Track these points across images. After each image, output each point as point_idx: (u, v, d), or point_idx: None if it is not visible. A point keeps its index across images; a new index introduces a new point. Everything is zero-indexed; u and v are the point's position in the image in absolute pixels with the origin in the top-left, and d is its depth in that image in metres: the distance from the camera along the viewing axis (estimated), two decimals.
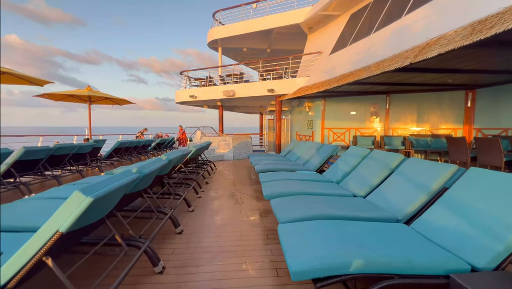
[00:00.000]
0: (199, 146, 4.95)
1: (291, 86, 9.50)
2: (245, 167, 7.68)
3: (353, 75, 6.09)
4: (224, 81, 11.46)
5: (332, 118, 9.24)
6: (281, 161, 5.83)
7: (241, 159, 9.64)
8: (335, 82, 6.71)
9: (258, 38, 12.27)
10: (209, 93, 11.20)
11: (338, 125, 9.20)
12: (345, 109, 9.09)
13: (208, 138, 9.76)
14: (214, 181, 5.51)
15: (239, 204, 3.76)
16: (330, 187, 3.21)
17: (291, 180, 3.40)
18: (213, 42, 12.73)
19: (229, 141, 9.53)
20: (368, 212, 2.22)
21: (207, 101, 11.94)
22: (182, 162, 4.05)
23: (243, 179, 5.74)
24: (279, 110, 10.10)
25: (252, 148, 10.40)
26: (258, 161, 5.68)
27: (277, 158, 6.44)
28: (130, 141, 7.98)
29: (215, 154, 9.34)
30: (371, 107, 8.76)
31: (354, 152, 3.83)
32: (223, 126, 12.87)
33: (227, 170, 7.04)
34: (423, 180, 2.22)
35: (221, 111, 13.16)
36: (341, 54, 7.93)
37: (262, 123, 18.31)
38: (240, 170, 7.08)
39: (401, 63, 4.33)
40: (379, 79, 6.38)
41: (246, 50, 13.48)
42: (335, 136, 9.23)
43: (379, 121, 8.72)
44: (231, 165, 8.12)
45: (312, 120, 9.89)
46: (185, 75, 12.02)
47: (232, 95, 10.41)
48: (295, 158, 6.21)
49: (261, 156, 7.05)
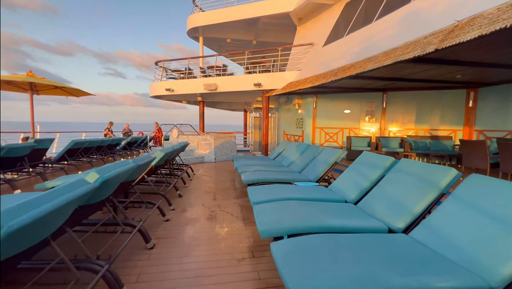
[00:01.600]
0: (168, 150, 3.86)
1: (280, 80, 8.60)
2: (229, 170, 6.67)
3: (354, 67, 5.28)
4: (206, 73, 10.31)
5: (324, 117, 8.48)
6: (272, 167, 4.90)
7: (224, 160, 8.60)
8: (332, 75, 5.88)
9: (243, 28, 11.23)
10: (188, 87, 9.99)
11: (331, 125, 8.46)
12: (338, 108, 8.36)
13: (186, 138, 8.61)
14: (191, 192, 4.45)
15: (221, 232, 2.76)
16: (348, 211, 2.31)
17: (294, 202, 2.47)
18: (194, 30, 11.49)
19: (211, 141, 8.44)
20: (438, 275, 1.33)
21: (186, 95, 10.72)
22: (141, 173, 2.97)
23: (226, 188, 4.73)
24: (266, 107, 9.17)
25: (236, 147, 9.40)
26: (244, 167, 4.70)
27: (266, 162, 5.50)
28: (89, 140, 6.64)
29: (194, 155, 8.22)
30: (366, 105, 8.10)
31: (370, 161, 2.98)
32: (204, 124, 11.72)
33: (208, 175, 5.99)
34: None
35: (202, 108, 11.97)
36: (336, 45, 7.14)
37: (246, 121, 17.32)
38: (223, 175, 6.06)
39: (421, 50, 3.55)
40: (381, 73, 5.65)
41: (230, 41, 12.37)
42: (327, 137, 8.48)
43: (375, 121, 8.09)
44: (213, 168, 7.06)
45: (302, 119, 9.08)
46: (160, 66, 10.69)
47: (214, 89, 9.30)
48: (287, 162, 5.31)
49: (247, 158, 6.08)
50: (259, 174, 3.95)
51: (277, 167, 4.94)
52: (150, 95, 10.94)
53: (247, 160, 5.73)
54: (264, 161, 5.76)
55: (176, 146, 4.54)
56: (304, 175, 4.07)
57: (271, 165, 5.23)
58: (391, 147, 7.23)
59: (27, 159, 4.80)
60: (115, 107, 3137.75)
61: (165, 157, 3.65)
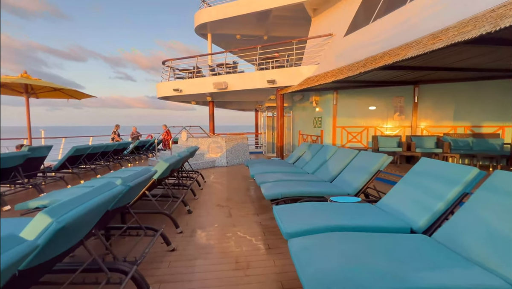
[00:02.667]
0: (174, 159, 3.23)
1: (295, 76, 7.87)
2: (243, 176, 6.01)
3: (389, 55, 4.50)
4: (215, 72, 9.71)
5: (346, 115, 7.68)
6: (295, 175, 4.20)
7: (237, 164, 7.96)
8: (360, 67, 5.11)
9: (253, 22, 10.56)
10: (196, 86, 9.42)
11: (353, 123, 7.65)
12: (361, 104, 7.54)
13: (196, 141, 8.03)
14: (201, 206, 3.82)
15: (242, 272, 2.09)
16: (431, 252, 1.58)
17: (344, 235, 1.76)
18: (202, 27, 10.93)
19: (222, 143, 7.83)
20: None
21: (195, 96, 10.17)
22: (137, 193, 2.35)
23: (242, 201, 4.07)
24: (281, 106, 8.46)
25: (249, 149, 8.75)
26: (262, 175, 4.02)
27: (286, 169, 4.80)
28: (92, 146, 6.16)
29: (205, 160, 7.62)
30: (394, 100, 7.24)
31: (438, 172, 2.24)
32: (214, 125, 11.13)
33: (220, 183, 5.35)
34: None
35: (212, 108, 11.40)
36: (360, 34, 6.35)
37: (257, 121, 16.65)
38: (237, 182, 5.40)
39: (492, 26, 2.75)
40: (419, 62, 4.83)
41: (240, 37, 11.73)
42: (350, 137, 7.68)
43: (405, 118, 7.21)
44: (225, 174, 6.43)
45: (321, 118, 8.31)
46: (168, 65, 10.18)
47: (224, 88, 8.68)
48: (311, 168, 4.59)
49: (263, 164, 5.40)
50: (283, 186, 3.26)
51: (300, 175, 4.23)
52: (157, 97, 10.47)
53: (263, 166, 5.06)
54: (283, 166, 5.07)
55: (183, 153, 3.92)
56: (337, 186, 3.34)
57: (292, 172, 4.53)
58: (426, 146, 6.35)
59: (22, 169, 4.33)
60: (125, 110, 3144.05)
61: (170, 168, 3.03)
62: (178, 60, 10.00)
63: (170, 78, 10.16)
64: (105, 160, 7.52)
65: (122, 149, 8.25)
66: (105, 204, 1.49)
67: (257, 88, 8.49)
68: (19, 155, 4.08)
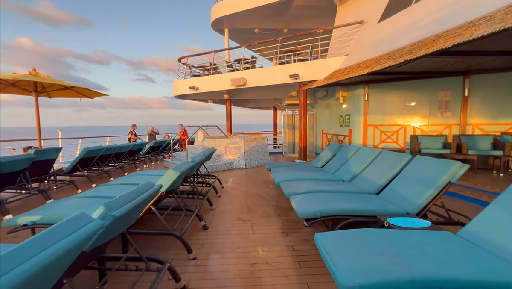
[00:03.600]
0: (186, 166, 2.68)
1: (321, 69, 7.12)
2: (264, 181, 5.41)
3: (445, 38, 3.67)
4: (232, 68, 9.18)
5: (379, 112, 6.82)
6: (329, 184, 3.52)
7: (256, 166, 7.38)
8: (405, 53, 4.30)
9: (273, 14, 9.90)
10: (213, 83, 8.94)
11: (388, 122, 6.78)
12: (398, 99, 6.64)
13: (213, 141, 7.55)
14: (219, 219, 3.27)
15: None
16: None
17: None
18: (218, 21, 10.45)
19: (240, 144, 7.28)
20: None
21: (212, 93, 9.71)
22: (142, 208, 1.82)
23: (267, 213, 3.46)
24: (304, 102, 7.75)
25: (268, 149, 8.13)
26: (290, 184, 3.40)
27: (315, 174, 4.13)
28: (105, 147, 5.85)
29: (222, 161, 7.11)
30: (439, 95, 6.27)
31: None
32: (231, 124, 10.63)
33: (239, 189, 4.79)
34: None
35: (229, 107, 10.90)
36: (400, 18, 5.49)
37: (276, 120, 15.97)
38: (258, 188, 4.81)
39: None
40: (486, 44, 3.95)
41: (258, 31, 11.12)
42: (384, 136, 6.81)
43: (451, 115, 6.22)
44: (244, 178, 5.86)
45: (349, 116, 7.49)
46: (183, 62, 9.79)
47: (242, 84, 8.12)
48: (346, 174, 3.88)
49: (288, 168, 4.77)
50: (319, 200, 2.62)
51: (335, 183, 3.55)
52: (173, 95, 10.14)
53: (288, 171, 4.42)
54: (311, 172, 4.40)
55: (198, 157, 3.39)
56: (390, 202, 2.63)
57: (324, 179, 3.85)
58: (480, 148, 5.37)
59: (29, 172, 4.02)
60: (146, 110, 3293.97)
61: (182, 177, 2.49)
62: (194, 56, 9.58)
63: (186, 76, 9.77)
64: (120, 161, 7.25)
65: (137, 149, 7.97)
66: (72, 251, 0.95)
67: (278, 84, 7.83)
68: (23, 159, 3.76)
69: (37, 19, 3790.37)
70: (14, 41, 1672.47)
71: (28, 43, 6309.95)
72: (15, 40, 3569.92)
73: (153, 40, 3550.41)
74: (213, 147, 5.00)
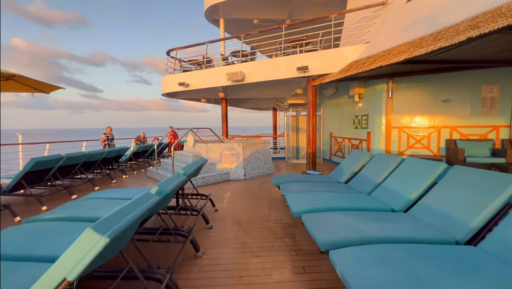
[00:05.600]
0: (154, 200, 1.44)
1: (334, 61, 5.96)
2: (269, 198, 4.20)
3: None
4: (228, 62, 7.98)
5: (406, 111, 5.68)
6: (377, 216, 2.33)
7: (257, 177, 6.16)
8: (464, 30, 3.15)
9: (274, 3, 8.75)
10: (207, 79, 7.72)
11: (417, 123, 5.63)
12: (430, 96, 5.50)
13: (205, 146, 6.31)
14: (205, 279, 2.03)
15: None
16: None
17: None
18: (213, 10, 9.25)
19: (238, 150, 6.06)
20: None
21: (205, 91, 8.48)
22: None
23: (278, 258, 2.24)
24: (313, 101, 6.57)
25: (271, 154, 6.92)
26: (319, 220, 2.20)
27: (348, 198, 2.93)
28: (63, 157, 4.56)
29: (216, 171, 5.88)
30: (484, 90, 5.15)
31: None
32: (227, 127, 9.41)
33: (236, 213, 3.55)
34: None
35: (225, 107, 9.69)
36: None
37: (276, 122, 14.79)
38: (262, 211, 3.58)
39: None
40: None
41: (258, 22, 9.96)
42: (412, 141, 5.66)
43: (499, 114, 5.10)
44: (243, 193, 4.63)
45: (367, 116, 6.34)
46: (172, 56, 8.56)
47: (240, 79, 6.91)
48: (399, 201, 2.69)
49: (302, 185, 3.59)
50: (385, 259, 1.41)
51: (388, 216, 2.35)
52: (161, 93, 8.87)
53: (307, 191, 3.22)
54: (337, 191, 3.21)
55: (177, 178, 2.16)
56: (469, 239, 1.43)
57: (366, 207, 2.64)
58: None
59: None
60: (142, 112, 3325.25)
61: (117, 244, 1.26)
62: (185, 48, 8.35)
63: (175, 72, 8.53)
64: (92, 171, 5.96)
65: (115, 156, 6.67)
66: None
67: (282, 80, 6.65)
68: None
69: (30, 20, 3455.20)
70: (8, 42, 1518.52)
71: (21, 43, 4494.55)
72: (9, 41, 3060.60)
73: (149, 41, 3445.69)
74: (203, 157, 3.77)
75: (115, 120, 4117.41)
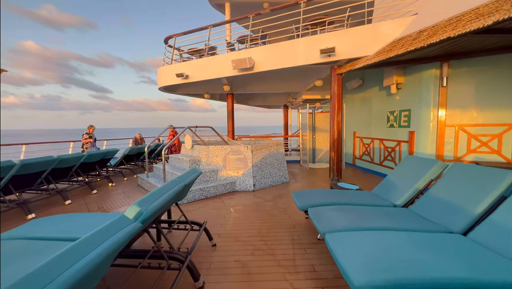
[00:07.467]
0: None
1: (368, 40, 4.69)
2: (288, 224, 2.97)
3: None
4: (234, 47, 6.80)
5: (466, 103, 4.36)
6: None
7: (269, 187, 4.95)
8: None
9: None
10: (209, 69, 6.54)
11: (481, 120, 4.30)
12: (502, 83, 4.15)
13: (206, 149, 5.13)
14: None
15: None
16: None
17: None
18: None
19: (246, 153, 4.86)
20: None
21: (208, 83, 7.33)
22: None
23: None
24: (339, 93, 5.31)
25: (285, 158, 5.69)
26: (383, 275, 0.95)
27: (429, 237, 1.68)
28: (18, 164, 3.48)
29: (219, 181, 4.70)
30: None
31: None
32: (233, 126, 8.24)
33: (242, 249, 2.34)
34: None
35: (231, 103, 8.52)
36: None
37: (287, 120, 13.53)
38: (279, 246, 2.37)
39: None
40: None
41: (268, 5, 8.74)
42: (475, 143, 4.32)
43: None
44: (253, 213, 3.43)
45: (409, 111, 5.03)
46: (170, 44, 7.43)
47: (249, 67, 5.71)
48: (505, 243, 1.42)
49: (343, 213, 2.36)
50: None
51: None
52: (158, 87, 7.77)
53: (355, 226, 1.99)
54: (403, 223, 1.98)
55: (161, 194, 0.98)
56: None
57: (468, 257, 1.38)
58: None
59: None
60: (150, 112, 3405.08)
61: None
62: (185, 35, 7.20)
63: (173, 62, 7.41)
64: (69, 179, 4.89)
65: (99, 160, 5.58)
66: None
67: (300, 67, 5.40)
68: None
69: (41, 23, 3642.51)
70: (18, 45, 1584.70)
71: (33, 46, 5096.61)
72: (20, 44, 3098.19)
73: (156, 43, 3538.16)
74: (195, 168, 2.59)
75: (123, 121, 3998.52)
